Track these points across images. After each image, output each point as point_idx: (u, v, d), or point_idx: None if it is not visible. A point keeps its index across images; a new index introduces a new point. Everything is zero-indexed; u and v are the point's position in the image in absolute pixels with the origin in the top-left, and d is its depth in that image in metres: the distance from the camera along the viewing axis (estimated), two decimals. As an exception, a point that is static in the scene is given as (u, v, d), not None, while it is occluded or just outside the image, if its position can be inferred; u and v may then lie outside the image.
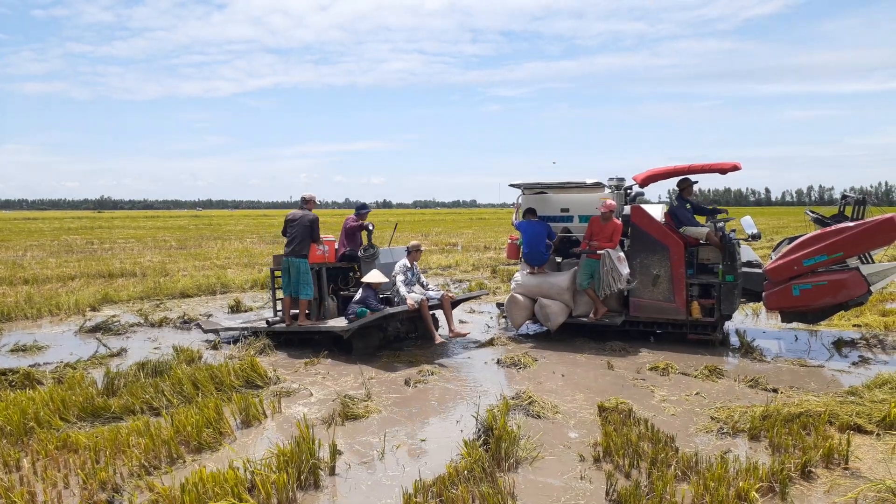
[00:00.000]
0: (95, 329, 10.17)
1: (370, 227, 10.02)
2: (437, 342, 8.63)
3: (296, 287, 8.96)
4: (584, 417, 6.02)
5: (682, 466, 4.68)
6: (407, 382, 7.14)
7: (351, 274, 10.14)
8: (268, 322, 9.28)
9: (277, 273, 9.82)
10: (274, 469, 4.51)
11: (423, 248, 9.74)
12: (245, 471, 4.46)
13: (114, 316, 11.24)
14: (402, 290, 8.78)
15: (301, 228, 9.06)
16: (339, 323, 8.69)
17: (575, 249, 9.69)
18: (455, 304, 9.73)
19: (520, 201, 10.59)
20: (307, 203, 9.42)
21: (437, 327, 9.04)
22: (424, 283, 9.33)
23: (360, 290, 8.64)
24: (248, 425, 5.79)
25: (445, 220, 58.27)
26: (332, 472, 4.75)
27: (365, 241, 10.09)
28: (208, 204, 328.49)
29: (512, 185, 10.58)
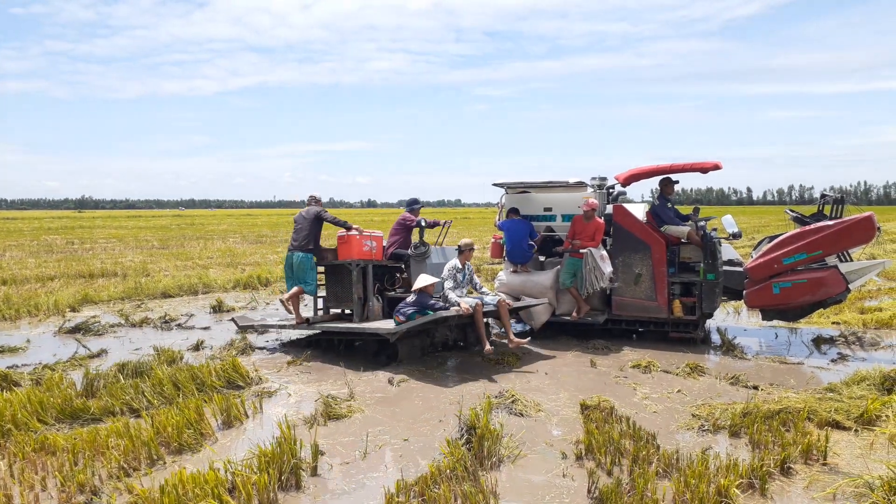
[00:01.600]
0: (75, 330, 10.06)
1: (423, 224, 9.39)
2: (486, 351, 7.86)
3: (300, 280, 8.80)
4: (566, 415, 6.04)
5: (663, 464, 4.70)
6: (390, 382, 7.12)
7: (398, 274, 9.40)
8: (308, 321, 8.80)
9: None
10: (255, 470, 4.48)
11: (476, 247, 8.92)
12: (226, 472, 4.43)
13: (94, 316, 11.12)
14: (452, 295, 8.03)
15: (306, 223, 8.95)
16: (386, 325, 8.08)
17: (558, 248, 9.72)
18: (512, 311, 8.87)
19: (503, 201, 10.61)
20: (317, 202, 9.30)
21: (488, 336, 8.42)
22: (478, 285, 8.61)
23: (413, 294, 7.91)
24: (229, 426, 5.75)
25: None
26: (314, 472, 4.73)
27: (416, 239, 9.44)
28: (191, 203, 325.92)
29: (495, 185, 10.60)
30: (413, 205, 9.72)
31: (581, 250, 9.03)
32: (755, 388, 6.86)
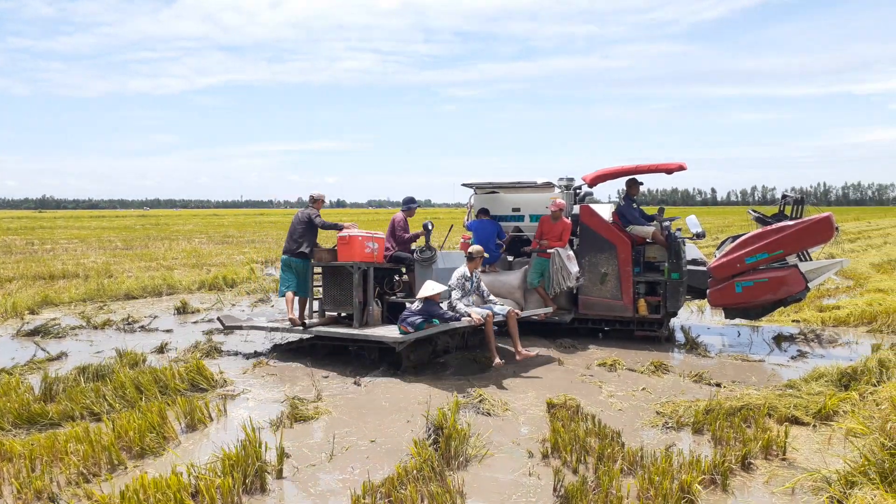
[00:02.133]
0: (34, 332, 9.82)
1: (430, 227, 8.92)
2: (496, 364, 7.56)
3: (304, 286, 8.65)
4: (533, 414, 6.07)
5: (627, 461, 4.76)
6: (357, 383, 7.09)
7: (397, 277, 9.06)
8: (304, 324, 8.42)
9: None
10: (219, 473, 4.42)
11: (486, 255, 8.56)
12: (189, 476, 4.36)
13: (54, 319, 10.87)
14: (461, 306, 7.76)
15: (300, 225, 8.84)
16: (391, 333, 7.69)
17: (526, 248, 9.78)
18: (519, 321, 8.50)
19: (472, 201, 10.65)
20: (315, 202, 9.11)
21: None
22: (486, 293, 8.29)
23: (418, 302, 7.62)
24: (193, 429, 5.67)
25: (399, 220, 58.33)
26: (280, 475, 4.69)
27: (422, 242, 9.08)
28: (156, 203, 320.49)
29: (465, 185, 10.63)
30: (409, 204, 9.41)
31: (548, 250, 9.10)
32: (718, 385, 6.98)
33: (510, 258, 10.33)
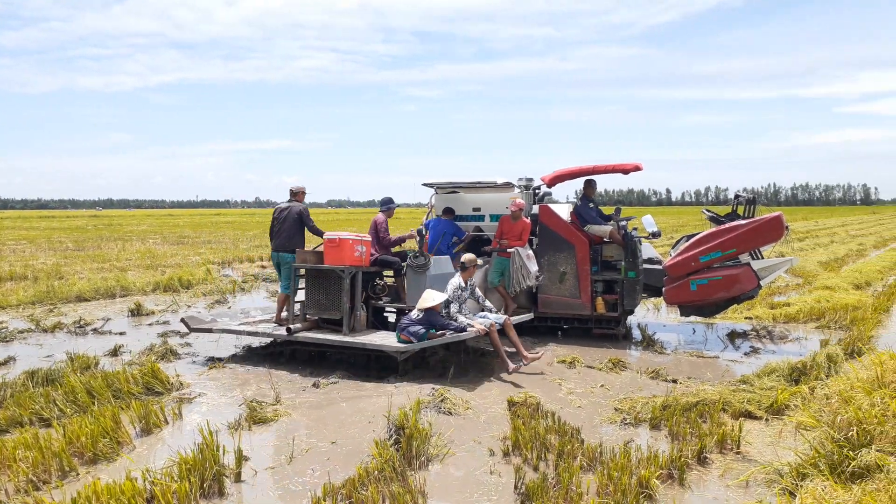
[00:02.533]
0: (-21, 337, 9.48)
1: (422, 232, 8.80)
2: (512, 370, 7.40)
3: (289, 282, 8.45)
4: (495, 412, 6.10)
5: (587, 457, 4.81)
6: (317, 385, 7.02)
7: (380, 281, 8.92)
8: (289, 330, 7.94)
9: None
10: (175, 478, 4.33)
11: (480, 262, 8.50)
12: (144, 481, 4.26)
13: (1, 322, 10.52)
14: (462, 319, 7.69)
15: (289, 222, 8.67)
16: (386, 340, 7.57)
17: (486, 248, 9.82)
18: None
19: (433, 201, 10.65)
20: (296, 195, 8.94)
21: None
22: (481, 298, 8.19)
23: (417, 311, 7.51)
24: (148, 433, 5.54)
25: (360, 220, 57.76)
26: (238, 478, 4.61)
27: (414, 247, 8.88)
28: (109, 203, 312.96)
29: (425, 185, 10.62)
30: (388, 205, 9.25)
31: (508, 250, 9.16)
32: (674, 381, 7.12)
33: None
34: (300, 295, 8.49)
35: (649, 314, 11.73)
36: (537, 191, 10.49)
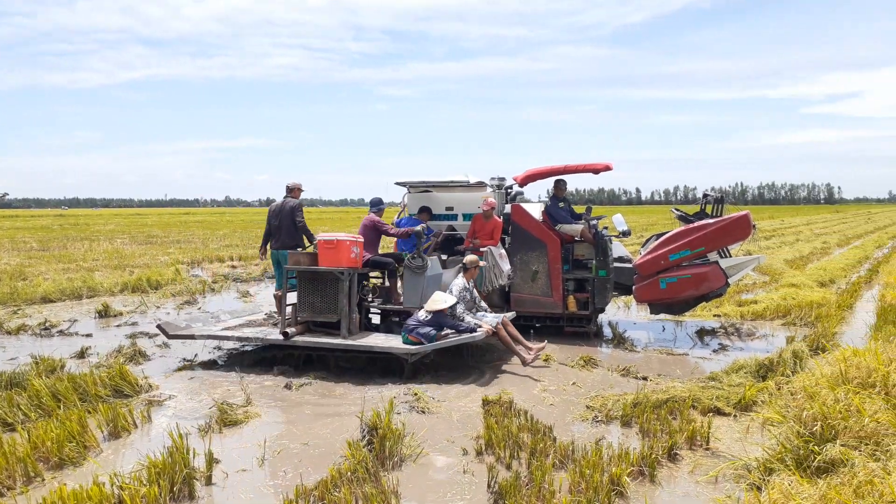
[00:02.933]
0: (-60, 340, 9.24)
1: (420, 232, 8.62)
2: (527, 363, 7.67)
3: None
4: (468, 411, 6.11)
5: (559, 455, 4.85)
6: (288, 386, 6.97)
7: (365, 283, 8.79)
8: (286, 334, 7.68)
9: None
10: (144, 482, 4.26)
11: (482, 264, 8.58)
12: (112, 486, 4.19)
13: (-38, 325, 10.26)
14: (469, 319, 7.76)
15: (286, 220, 8.61)
16: (388, 342, 7.54)
17: (459, 247, 9.84)
18: None
19: (405, 200, 10.63)
20: (291, 192, 8.85)
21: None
22: (477, 299, 8.30)
23: (423, 312, 7.50)
24: (116, 437, 5.45)
25: (333, 219, 57.46)
26: (209, 481, 4.56)
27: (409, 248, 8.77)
28: (75, 202, 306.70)
29: (397, 184, 10.60)
30: (379, 205, 9.17)
31: (481, 249, 9.18)
32: (644, 378, 7.20)
33: (444, 256, 10.36)
34: (290, 297, 8.26)
35: (620, 312, 11.85)
36: (509, 190, 10.54)
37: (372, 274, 9.16)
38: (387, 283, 9.11)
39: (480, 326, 7.57)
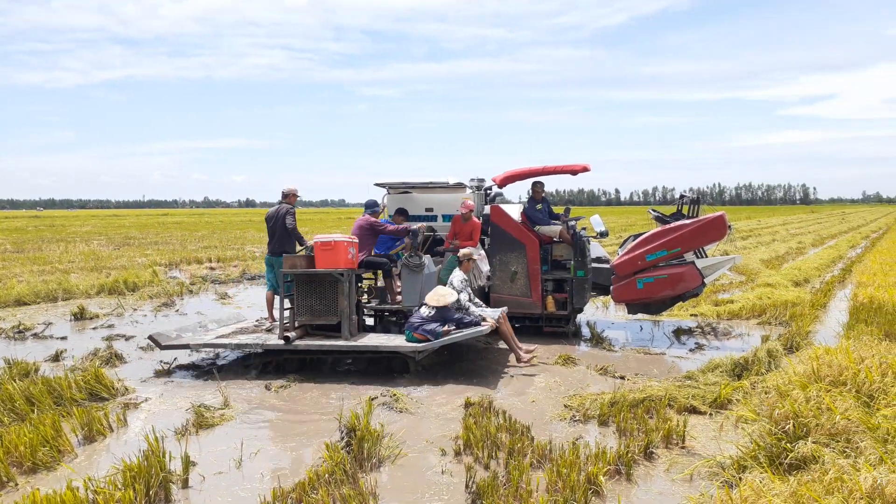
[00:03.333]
0: None
1: (418, 231, 8.72)
2: (524, 362, 7.78)
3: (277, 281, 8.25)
4: (446, 411, 6.13)
5: (537, 455, 4.88)
6: (267, 388, 6.94)
7: (360, 284, 8.78)
8: (287, 339, 7.55)
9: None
10: (119, 486, 4.22)
11: (476, 257, 8.56)
12: (86, 490, 4.15)
13: (-67, 328, 10.08)
14: (476, 310, 7.81)
15: (278, 226, 8.63)
16: (390, 342, 7.54)
17: (439, 248, 9.85)
18: None
19: (385, 201, 10.62)
20: (287, 197, 8.85)
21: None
22: (471, 294, 8.35)
23: (426, 308, 7.48)
24: (91, 441, 5.40)
25: (313, 220, 57.18)
26: (185, 484, 4.53)
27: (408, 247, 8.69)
28: (51, 203, 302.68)
29: (377, 185, 10.59)
30: (373, 207, 9.15)
31: (461, 250, 9.18)
32: (622, 377, 7.26)
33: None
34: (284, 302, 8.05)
35: (598, 312, 11.93)
36: (489, 191, 10.58)
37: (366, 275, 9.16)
38: (380, 284, 9.07)
39: (485, 319, 7.59)
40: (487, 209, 9.96)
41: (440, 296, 7.50)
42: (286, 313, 7.79)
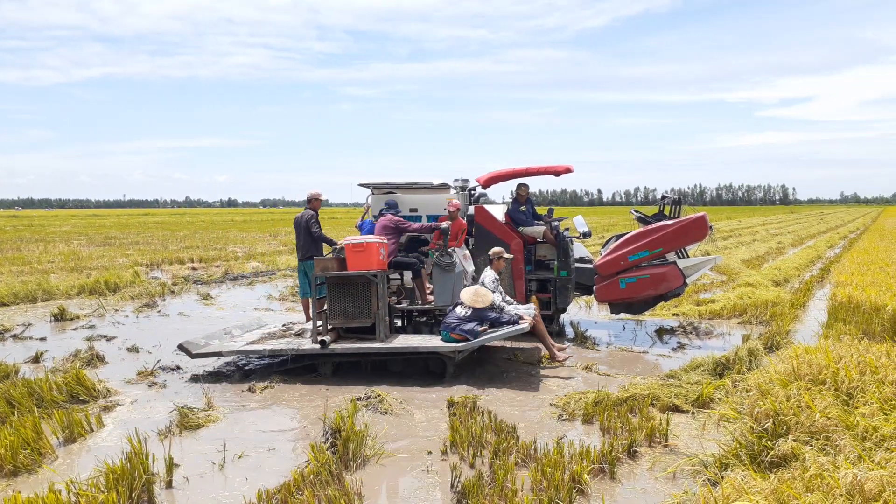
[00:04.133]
0: None
1: (448, 230, 8.52)
2: (559, 361, 7.73)
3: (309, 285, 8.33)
4: (432, 412, 6.14)
5: (522, 454, 4.90)
6: (252, 389, 6.91)
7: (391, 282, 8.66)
8: (324, 343, 7.41)
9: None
10: (102, 489, 4.19)
11: (507, 256, 8.53)
12: (68, 493, 4.11)
13: None
14: (511, 309, 7.73)
15: (302, 231, 8.74)
16: (427, 343, 7.49)
17: (423, 248, 9.84)
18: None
19: (369, 201, 10.60)
20: (310, 202, 8.96)
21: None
22: (502, 291, 8.29)
23: (461, 308, 7.43)
24: (72, 443, 5.34)
25: (294, 220, 57.05)
26: (169, 486, 4.51)
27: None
28: (30, 203, 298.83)
29: (361, 185, 10.56)
30: (394, 207, 9.07)
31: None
32: (606, 376, 7.31)
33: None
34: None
35: (581, 312, 11.99)
36: (473, 192, 10.59)
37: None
38: (407, 284, 8.97)
39: (522, 318, 7.54)
40: (472, 210, 9.98)
41: (480, 296, 7.44)
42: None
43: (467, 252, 9.36)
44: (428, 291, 8.63)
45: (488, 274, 8.15)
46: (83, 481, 4.28)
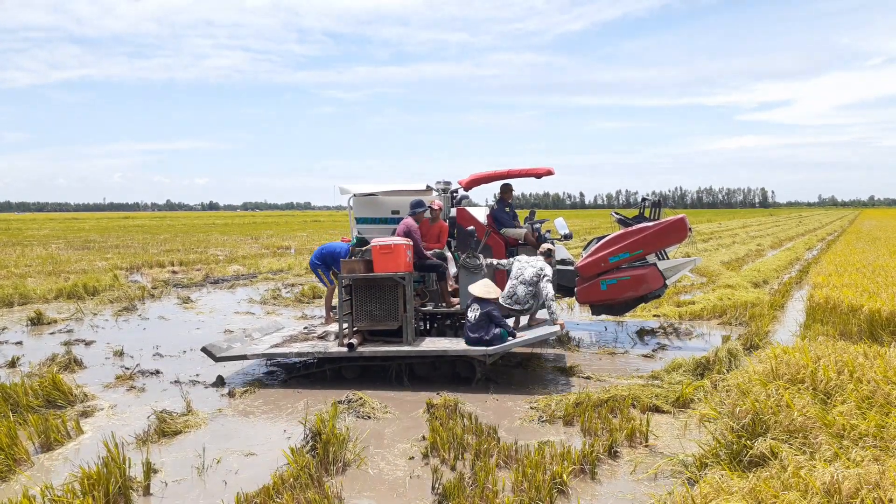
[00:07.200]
0: None
1: (474, 232, 8.55)
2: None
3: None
4: (413, 415, 6.12)
5: (503, 456, 4.90)
6: (231, 394, 6.85)
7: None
8: (351, 346, 7.26)
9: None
10: (78, 494, 4.13)
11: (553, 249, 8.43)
12: (43, 499, 4.05)
13: None
14: (556, 307, 7.61)
15: None
16: (454, 346, 7.34)
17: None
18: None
19: (351, 203, 10.56)
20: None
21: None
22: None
23: (479, 305, 7.29)
24: (48, 449, 5.27)
25: (278, 223, 56.61)
26: (147, 491, 4.46)
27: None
28: (6, 206, 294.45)
29: (342, 189, 10.51)
30: (418, 207, 8.82)
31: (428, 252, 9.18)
32: (588, 378, 7.33)
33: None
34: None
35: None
36: (455, 194, 10.58)
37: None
38: (431, 287, 8.86)
39: (557, 322, 7.45)
40: (454, 212, 9.97)
41: (485, 289, 7.37)
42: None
43: (449, 254, 9.35)
44: (453, 294, 8.55)
45: (544, 269, 7.90)
46: (59, 487, 4.21)
